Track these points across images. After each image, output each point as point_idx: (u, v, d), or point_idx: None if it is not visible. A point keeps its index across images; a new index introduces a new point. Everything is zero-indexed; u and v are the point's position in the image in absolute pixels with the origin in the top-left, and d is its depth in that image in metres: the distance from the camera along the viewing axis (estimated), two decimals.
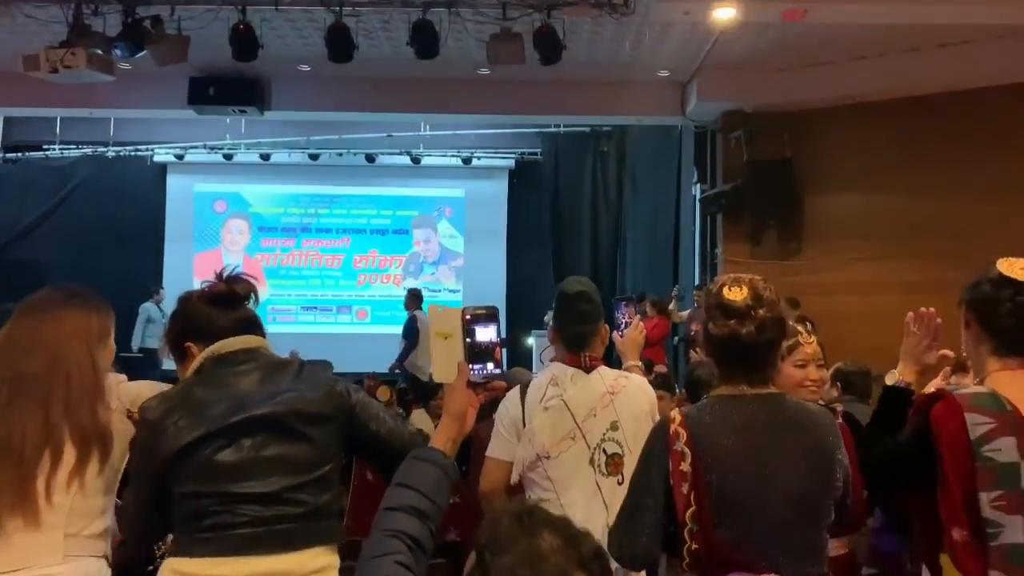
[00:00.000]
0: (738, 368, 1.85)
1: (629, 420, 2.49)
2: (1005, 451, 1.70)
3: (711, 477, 1.75)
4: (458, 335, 1.57)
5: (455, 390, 1.56)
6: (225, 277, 2.01)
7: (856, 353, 7.97)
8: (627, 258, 11.54)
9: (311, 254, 13.42)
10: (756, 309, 1.81)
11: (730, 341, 1.81)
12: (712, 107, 8.73)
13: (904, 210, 8.09)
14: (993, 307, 1.87)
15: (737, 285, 1.84)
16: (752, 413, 1.81)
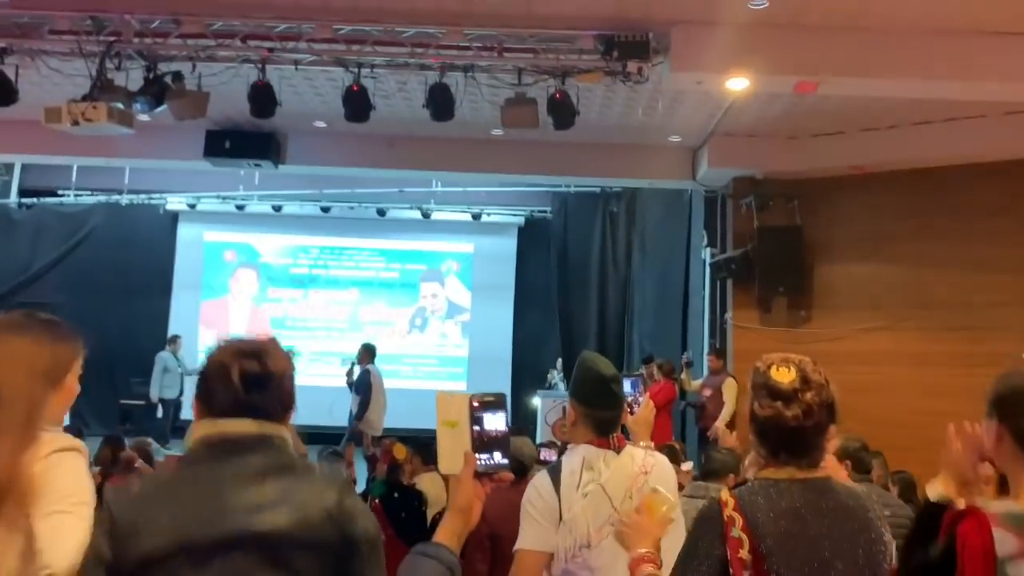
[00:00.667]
0: (784, 451, 1.82)
1: None
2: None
3: (771, 564, 1.71)
4: (465, 423, 1.52)
5: (461, 482, 1.50)
6: (258, 348, 1.70)
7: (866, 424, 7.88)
8: (635, 320, 11.50)
9: (318, 305, 13.42)
10: (803, 392, 1.79)
11: (775, 423, 1.79)
12: (723, 173, 8.79)
13: (913, 281, 8.07)
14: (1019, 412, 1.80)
15: (785, 366, 1.82)
16: (802, 498, 1.78)
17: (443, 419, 1.53)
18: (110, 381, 12.74)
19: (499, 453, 1.52)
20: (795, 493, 1.78)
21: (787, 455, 1.81)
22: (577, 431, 2.51)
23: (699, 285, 9.72)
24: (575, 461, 2.42)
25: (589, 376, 2.50)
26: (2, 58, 6.47)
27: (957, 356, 7.70)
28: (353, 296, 13.43)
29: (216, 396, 1.69)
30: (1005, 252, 7.61)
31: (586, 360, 2.57)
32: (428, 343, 13.36)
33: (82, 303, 12.68)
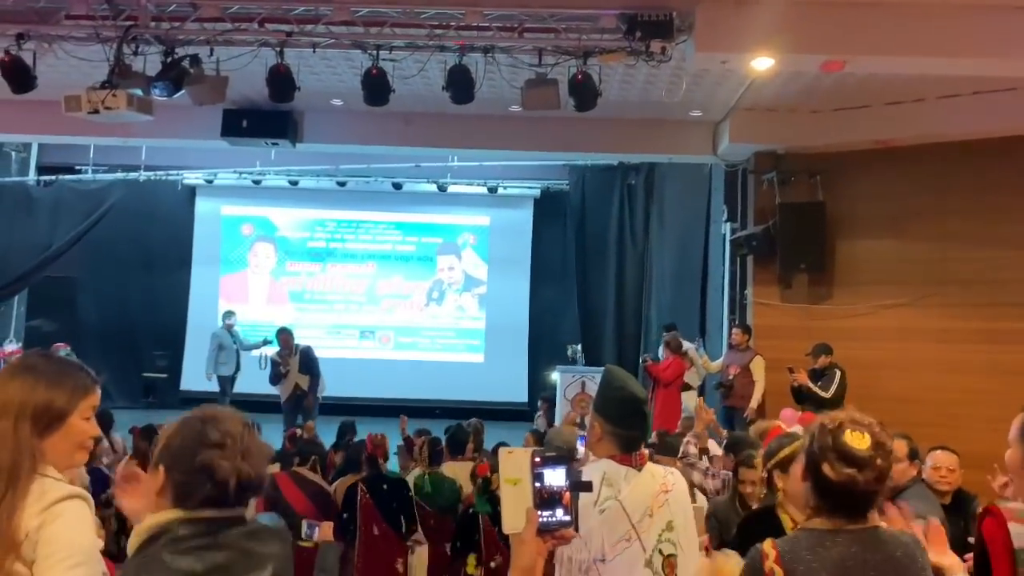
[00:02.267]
0: (845, 511, 1.83)
1: (682, 518, 2.48)
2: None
3: None
4: (527, 480, 1.50)
5: (524, 542, 1.49)
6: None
7: (889, 401, 7.89)
8: (652, 294, 11.46)
9: (336, 279, 13.47)
10: (877, 458, 1.80)
11: (847, 488, 1.80)
12: (744, 148, 8.68)
13: (937, 257, 7.98)
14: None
15: (859, 430, 1.82)
16: (850, 551, 1.79)
17: (506, 476, 1.52)
18: (133, 355, 12.92)
19: (561, 510, 1.51)
20: (842, 545, 1.80)
21: (847, 513, 1.83)
22: (600, 446, 2.52)
23: (718, 260, 9.66)
24: (595, 477, 2.41)
25: (620, 396, 2.49)
26: (19, 44, 6.43)
27: (980, 333, 7.66)
28: (370, 269, 13.47)
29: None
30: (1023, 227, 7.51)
31: (616, 379, 2.56)
32: (445, 316, 13.42)
33: (103, 278, 12.82)
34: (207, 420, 1.61)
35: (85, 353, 11.99)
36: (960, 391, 7.61)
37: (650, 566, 2.39)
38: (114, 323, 12.73)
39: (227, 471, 1.56)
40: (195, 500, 1.56)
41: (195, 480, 1.55)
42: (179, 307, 13.19)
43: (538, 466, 1.51)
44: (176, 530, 1.54)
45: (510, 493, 1.51)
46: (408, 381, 12.22)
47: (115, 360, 12.66)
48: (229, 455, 1.57)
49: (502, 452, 1.55)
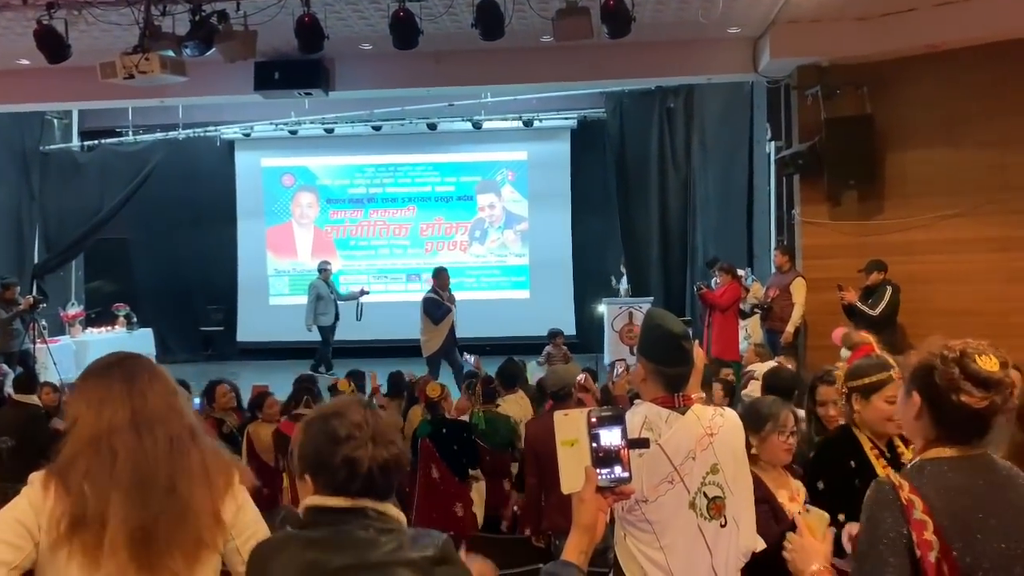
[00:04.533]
0: (973, 436, 1.82)
1: (729, 462, 2.46)
2: None
3: (957, 545, 1.73)
4: (584, 440, 1.54)
5: (584, 500, 1.53)
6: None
7: (944, 315, 7.76)
8: (698, 220, 11.30)
9: (379, 224, 13.57)
10: (1007, 376, 1.79)
11: (988, 411, 1.78)
12: (786, 63, 8.37)
13: (993, 163, 7.69)
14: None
15: (985, 353, 1.80)
16: (972, 475, 1.80)
17: (562, 438, 1.55)
18: (189, 310, 13.30)
19: (619, 467, 1.54)
20: (964, 470, 1.79)
21: (978, 438, 1.81)
22: (647, 387, 2.54)
23: (763, 181, 9.45)
24: (636, 421, 2.43)
25: (658, 334, 2.50)
26: (51, 14, 6.47)
27: None
28: (412, 212, 13.52)
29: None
30: None
31: (654, 317, 2.58)
32: (489, 254, 13.46)
33: (154, 237, 13.12)
34: (329, 417, 1.64)
35: (143, 311, 12.46)
36: (1018, 300, 7.44)
37: (694, 508, 2.40)
38: (168, 281, 13.07)
39: (365, 460, 1.59)
40: (335, 491, 1.62)
41: (341, 477, 1.60)
42: (228, 261, 13.46)
43: (594, 426, 1.54)
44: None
45: (568, 454, 1.55)
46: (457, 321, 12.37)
47: (173, 316, 13.09)
48: (362, 444, 1.60)
49: (557, 415, 1.58)
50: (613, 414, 1.57)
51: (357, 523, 1.57)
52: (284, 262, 13.60)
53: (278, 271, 13.61)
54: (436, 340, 9.45)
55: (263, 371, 10.33)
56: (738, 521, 2.45)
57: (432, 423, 5.21)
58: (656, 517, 2.41)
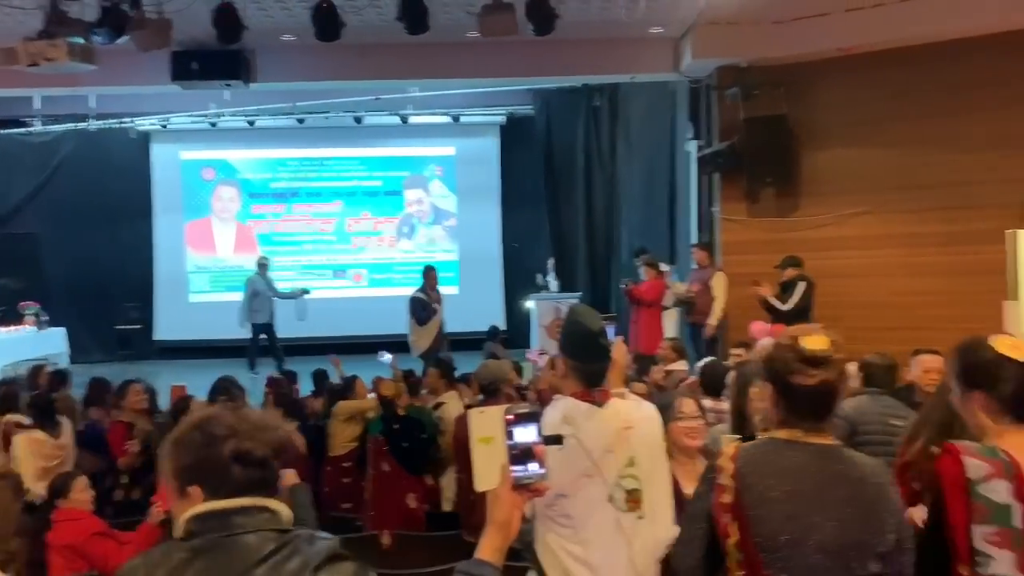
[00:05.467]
0: (810, 416, 1.92)
1: (645, 454, 2.51)
2: (1000, 493, 1.86)
3: (752, 513, 1.85)
4: (500, 438, 1.53)
5: (499, 497, 1.52)
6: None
7: (855, 308, 8.08)
8: (622, 216, 11.47)
9: (303, 219, 13.32)
10: (835, 355, 1.90)
11: (820, 389, 1.89)
12: (707, 64, 8.58)
13: (901, 163, 8.04)
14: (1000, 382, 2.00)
15: (812, 334, 1.93)
16: (806, 461, 1.89)
17: (478, 436, 1.55)
18: (104, 308, 12.77)
19: (534, 464, 1.54)
20: (800, 454, 1.90)
21: (810, 419, 1.92)
22: (566, 383, 2.57)
23: (685, 179, 9.66)
24: (555, 416, 2.47)
25: (577, 331, 2.55)
26: None
27: (943, 235, 7.80)
28: (338, 207, 13.31)
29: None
30: (986, 128, 7.56)
31: (574, 314, 2.63)
32: (417, 250, 13.37)
33: (65, 232, 12.54)
34: (200, 424, 1.56)
35: (54, 309, 11.90)
36: (925, 293, 7.80)
37: (612, 501, 2.44)
38: (81, 277, 12.52)
39: (254, 451, 1.52)
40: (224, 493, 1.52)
41: (231, 475, 1.51)
42: (145, 257, 13.01)
43: (511, 423, 1.54)
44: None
45: (483, 451, 1.54)
46: (384, 317, 12.21)
47: (87, 314, 12.54)
48: (246, 437, 1.53)
49: (473, 412, 1.58)
50: (530, 411, 1.58)
51: (246, 524, 1.48)
52: (204, 258, 13.21)
53: (198, 267, 13.22)
54: (425, 339, 9.34)
55: (182, 371, 10.01)
56: (655, 513, 2.50)
57: (384, 420, 5.22)
58: (575, 511, 2.44)
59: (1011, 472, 1.87)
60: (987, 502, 1.85)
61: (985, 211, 7.57)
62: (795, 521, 1.84)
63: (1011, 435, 1.97)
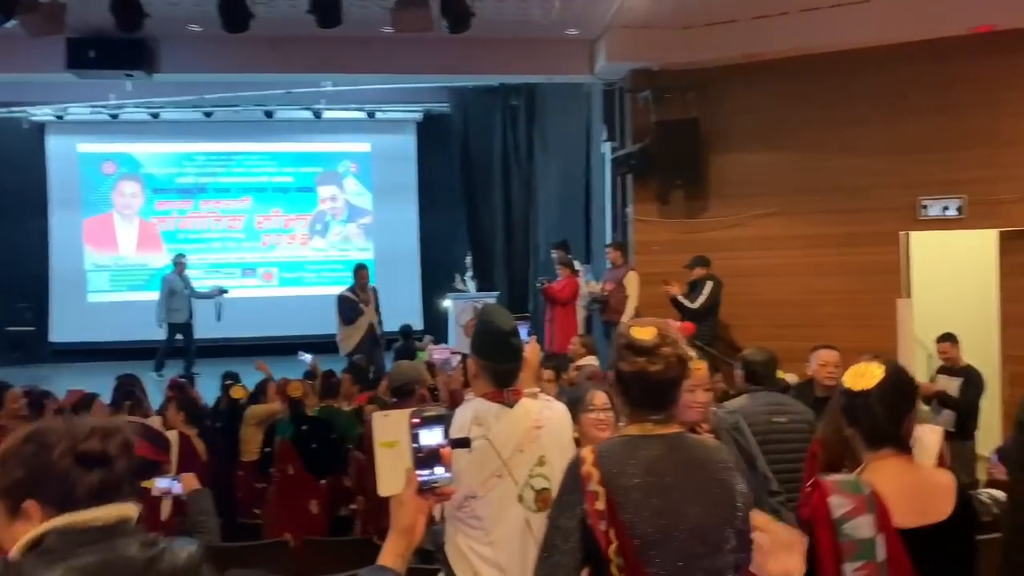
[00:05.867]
0: (645, 405, 1.97)
1: (555, 453, 2.51)
2: (863, 528, 1.96)
3: (625, 516, 1.87)
4: (405, 441, 1.50)
5: (403, 502, 1.49)
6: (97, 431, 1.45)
7: (760, 306, 8.36)
8: (539, 216, 11.55)
9: (211, 215, 12.89)
10: (662, 347, 1.94)
11: (641, 377, 1.94)
12: (620, 66, 8.70)
13: (803, 167, 8.35)
14: (852, 412, 2.13)
15: (643, 325, 2.00)
16: (659, 453, 1.94)
17: (381, 440, 1.51)
18: None
19: (440, 467, 1.52)
20: (651, 447, 1.94)
21: (648, 409, 1.97)
22: (477, 383, 2.57)
23: (600, 180, 9.79)
24: (465, 417, 2.47)
25: (488, 331, 2.54)
26: None
27: (841, 237, 8.14)
28: (247, 204, 12.94)
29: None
30: (884, 134, 7.93)
31: (485, 314, 2.63)
32: (331, 248, 13.12)
33: None
34: (31, 437, 1.44)
35: None
36: (824, 292, 8.13)
37: (522, 501, 2.44)
38: None
39: (109, 452, 1.42)
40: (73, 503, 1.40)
41: (79, 483, 1.39)
42: (39, 255, 12.33)
43: (416, 427, 1.51)
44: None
45: (386, 456, 1.51)
46: (296, 317, 11.94)
47: None
48: (89, 438, 1.42)
49: (376, 416, 1.54)
50: (436, 414, 1.55)
51: (121, 540, 1.38)
52: (104, 256, 12.62)
53: (97, 265, 12.61)
54: (352, 339, 9.08)
55: (80, 375, 9.51)
56: None
57: (293, 421, 5.08)
58: (485, 512, 2.43)
59: (873, 504, 1.97)
60: (852, 539, 1.95)
61: (880, 214, 7.96)
62: (664, 513, 1.88)
63: (875, 462, 2.09)
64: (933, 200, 7.80)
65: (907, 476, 2.08)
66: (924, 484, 2.09)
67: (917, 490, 2.06)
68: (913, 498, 2.03)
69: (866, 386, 2.09)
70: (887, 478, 2.05)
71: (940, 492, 2.07)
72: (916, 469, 2.14)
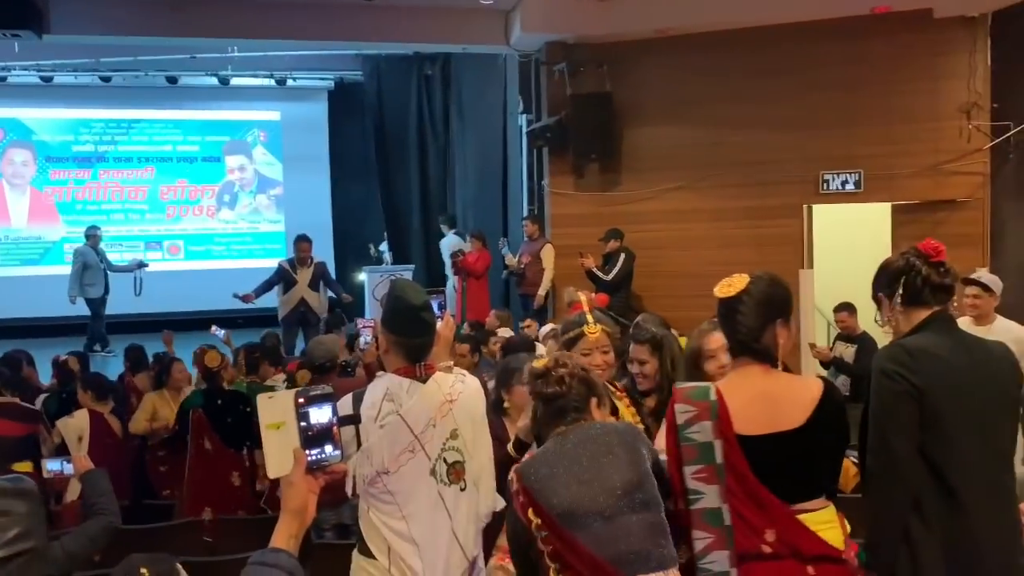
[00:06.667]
0: (555, 418, 2.16)
1: (468, 426, 2.53)
2: (703, 432, 2.08)
3: (545, 502, 2.01)
4: (292, 422, 1.48)
5: (293, 483, 1.47)
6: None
7: (670, 278, 8.58)
8: (456, 187, 11.46)
9: (110, 186, 12.27)
10: (556, 370, 2.15)
11: (548, 399, 2.16)
12: (536, 38, 8.69)
13: (713, 141, 8.55)
14: (722, 321, 2.29)
15: (544, 359, 2.24)
16: (573, 445, 2.09)
17: (267, 422, 1.48)
18: None
19: (330, 445, 1.51)
20: (568, 443, 2.10)
21: (558, 420, 2.16)
22: (389, 358, 2.55)
23: (517, 151, 9.79)
24: (377, 393, 2.46)
25: (399, 306, 2.51)
26: None
27: (747, 210, 8.42)
28: (150, 174, 12.38)
29: None
30: (788, 112, 8.19)
31: (395, 289, 2.59)
32: (240, 220, 12.72)
33: None
34: None
35: None
36: (731, 264, 8.21)
37: (434, 474, 2.45)
38: None
39: None
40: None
41: None
42: None
43: (303, 406, 1.50)
44: None
45: (274, 437, 1.49)
46: (205, 292, 11.53)
47: None
48: None
49: (261, 398, 1.52)
50: (323, 392, 1.54)
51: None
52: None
53: None
54: (282, 310, 8.81)
55: None
56: (478, 484, 2.53)
57: (206, 394, 4.93)
58: (398, 487, 2.42)
59: (715, 411, 2.08)
60: (692, 444, 2.08)
61: (785, 187, 8.26)
62: (582, 486, 2.00)
63: (739, 369, 2.20)
64: (834, 174, 8.14)
65: (762, 385, 2.13)
66: (778, 393, 2.12)
67: (770, 399, 2.10)
68: (763, 406, 2.09)
69: (728, 293, 2.21)
70: (740, 386, 2.14)
71: (796, 402, 2.10)
72: (775, 378, 2.15)
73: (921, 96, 7.82)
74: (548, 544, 1.99)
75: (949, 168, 7.75)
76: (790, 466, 2.08)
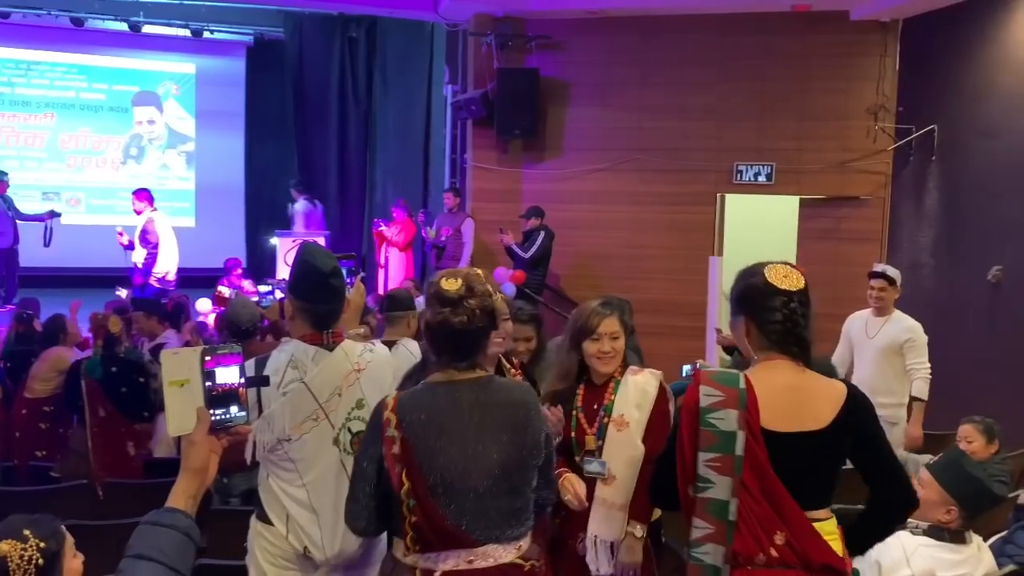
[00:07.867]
0: (450, 353, 2.03)
1: (375, 396, 2.46)
2: (728, 421, 1.96)
3: (419, 458, 1.94)
4: (197, 380, 1.45)
5: (195, 442, 1.43)
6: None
7: (588, 258, 8.69)
8: (377, 155, 11.26)
9: (5, 130, 11.54)
10: (467, 299, 1.99)
11: (444, 327, 2.00)
12: (464, 7, 8.57)
13: (634, 126, 8.66)
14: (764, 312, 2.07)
15: (453, 277, 2.03)
16: (460, 397, 2.01)
17: (170, 379, 1.44)
18: None
19: (236, 406, 1.47)
20: (454, 392, 2.02)
21: (453, 357, 2.03)
22: (295, 325, 2.50)
23: (440, 123, 9.69)
24: (281, 360, 2.42)
25: (306, 271, 2.45)
26: None
27: (665, 195, 8.59)
28: (50, 120, 11.68)
29: None
30: (706, 100, 8.38)
31: (304, 253, 2.52)
32: (147, 175, 12.15)
33: None
34: None
35: None
36: (647, 247, 8.57)
37: (337, 444, 2.42)
38: None
39: None
40: None
41: None
42: None
43: (210, 364, 1.46)
44: None
45: (177, 395, 1.45)
46: (105, 249, 11.01)
47: None
48: None
49: (165, 354, 1.47)
50: (230, 351, 1.50)
51: None
52: None
53: None
54: None
55: None
56: None
57: (103, 362, 4.71)
58: (299, 455, 2.39)
59: (743, 400, 1.96)
60: (714, 430, 1.96)
61: (701, 175, 8.46)
62: (459, 455, 1.95)
63: (767, 363, 2.05)
64: (747, 165, 8.38)
65: (792, 381, 2.03)
66: (807, 392, 2.03)
67: (798, 396, 2.01)
68: (791, 403, 2.00)
69: (791, 287, 2.04)
70: (770, 379, 2.02)
71: (822, 402, 2.02)
72: (804, 376, 2.05)
73: (833, 95, 8.12)
74: (413, 515, 1.95)
75: (855, 166, 8.09)
76: (809, 469, 2.00)
